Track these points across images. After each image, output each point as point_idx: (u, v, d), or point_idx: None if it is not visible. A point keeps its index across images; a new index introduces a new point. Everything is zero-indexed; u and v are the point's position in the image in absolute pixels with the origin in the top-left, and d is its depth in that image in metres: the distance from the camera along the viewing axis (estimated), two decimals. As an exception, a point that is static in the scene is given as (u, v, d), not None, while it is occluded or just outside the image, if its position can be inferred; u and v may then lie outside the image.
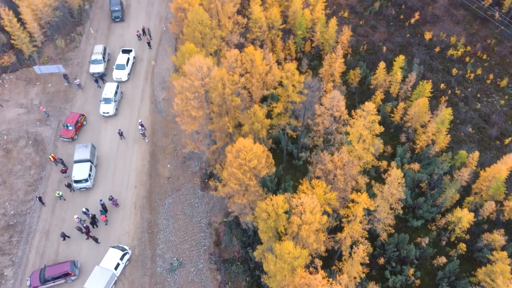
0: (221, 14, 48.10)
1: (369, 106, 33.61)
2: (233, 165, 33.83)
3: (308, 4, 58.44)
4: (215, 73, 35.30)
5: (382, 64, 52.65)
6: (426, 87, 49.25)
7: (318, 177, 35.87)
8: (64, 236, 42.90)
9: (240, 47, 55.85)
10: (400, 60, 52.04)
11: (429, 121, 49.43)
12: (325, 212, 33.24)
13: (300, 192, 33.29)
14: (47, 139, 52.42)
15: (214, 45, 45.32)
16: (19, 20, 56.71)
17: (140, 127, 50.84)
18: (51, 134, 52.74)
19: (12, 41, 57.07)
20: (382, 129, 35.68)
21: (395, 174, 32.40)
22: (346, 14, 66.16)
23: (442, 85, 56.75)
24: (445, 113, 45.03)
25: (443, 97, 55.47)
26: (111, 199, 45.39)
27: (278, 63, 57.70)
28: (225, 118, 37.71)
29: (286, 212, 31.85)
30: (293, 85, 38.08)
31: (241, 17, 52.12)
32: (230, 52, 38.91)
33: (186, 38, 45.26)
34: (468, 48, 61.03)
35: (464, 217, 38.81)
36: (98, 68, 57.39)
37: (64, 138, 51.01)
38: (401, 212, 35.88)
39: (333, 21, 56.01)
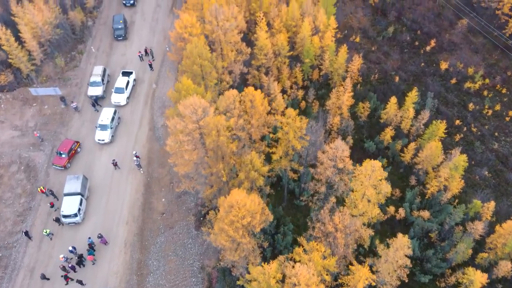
0: (224, 43, 45.49)
1: (375, 165, 30.63)
2: (224, 221, 31.21)
3: (317, 30, 55.52)
4: (210, 120, 32.70)
5: (393, 99, 49.58)
6: (440, 127, 46.01)
7: (317, 237, 33.01)
8: (44, 277, 40.65)
9: (244, 75, 53.30)
10: (413, 95, 48.97)
11: (442, 162, 46.18)
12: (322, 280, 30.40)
13: (296, 255, 30.48)
14: (40, 166, 50.41)
15: (213, 78, 42.70)
16: (18, 38, 54.82)
17: (135, 158, 48.49)
18: (44, 160, 50.73)
19: (10, 60, 55.22)
20: (389, 187, 32.67)
21: (400, 242, 29.41)
22: (358, 39, 63.05)
23: (457, 121, 53.35)
24: (460, 159, 41.79)
25: (457, 134, 52.08)
26: (100, 236, 43.09)
27: (284, 91, 54.96)
28: (219, 165, 35.08)
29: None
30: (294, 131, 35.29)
31: (245, 45, 49.43)
32: (228, 92, 36.26)
33: (185, 69, 42.77)
34: (487, 80, 57.49)
35: (476, 280, 35.55)
36: (97, 91, 55.21)
37: (56, 166, 48.91)
38: (406, 280, 32.84)
39: (343, 50, 53.06)
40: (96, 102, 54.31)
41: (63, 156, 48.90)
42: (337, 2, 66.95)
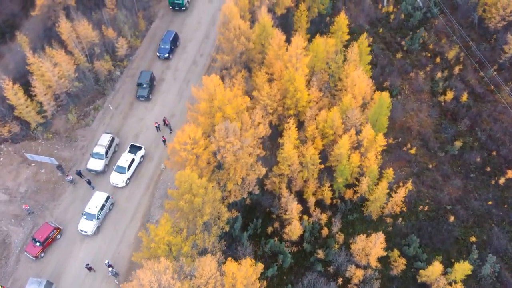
0: (233, 166, 36.84)
1: None
2: None
3: (359, 144, 44.98)
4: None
5: (437, 265, 38.32)
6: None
7: None
8: None
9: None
10: (466, 268, 37.41)
11: None
12: None
13: None
14: (14, 246, 45.06)
15: (206, 215, 34.19)
16: (27, 91, 49.85)
17: (109, 268, 41.44)
18: (20, 240, 45.32)
19: (16, 113, 50.46)
20: None
21: None
22: (413, 150, 51.51)
23: (522, 302, 40.76)
24: None
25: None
26: None
27: (306, 209, 45.31)
28: None
29: None
30: None
31: (260, 165, 40.46)
32: (204, 262, 27.65)
33: (173, 197, 34.77)
34: None
35: None
36: (97, 165, 48.77)
37: (28, 254, 43.22)
38: None
39: (388, 176, 42.64)
40: (80, 175, 48.10)
41: (37, 244, 43.06)
42: (398, 94, 55.90)
